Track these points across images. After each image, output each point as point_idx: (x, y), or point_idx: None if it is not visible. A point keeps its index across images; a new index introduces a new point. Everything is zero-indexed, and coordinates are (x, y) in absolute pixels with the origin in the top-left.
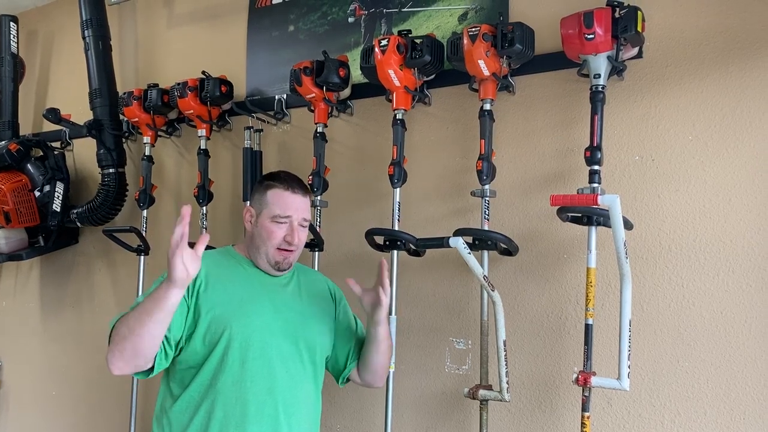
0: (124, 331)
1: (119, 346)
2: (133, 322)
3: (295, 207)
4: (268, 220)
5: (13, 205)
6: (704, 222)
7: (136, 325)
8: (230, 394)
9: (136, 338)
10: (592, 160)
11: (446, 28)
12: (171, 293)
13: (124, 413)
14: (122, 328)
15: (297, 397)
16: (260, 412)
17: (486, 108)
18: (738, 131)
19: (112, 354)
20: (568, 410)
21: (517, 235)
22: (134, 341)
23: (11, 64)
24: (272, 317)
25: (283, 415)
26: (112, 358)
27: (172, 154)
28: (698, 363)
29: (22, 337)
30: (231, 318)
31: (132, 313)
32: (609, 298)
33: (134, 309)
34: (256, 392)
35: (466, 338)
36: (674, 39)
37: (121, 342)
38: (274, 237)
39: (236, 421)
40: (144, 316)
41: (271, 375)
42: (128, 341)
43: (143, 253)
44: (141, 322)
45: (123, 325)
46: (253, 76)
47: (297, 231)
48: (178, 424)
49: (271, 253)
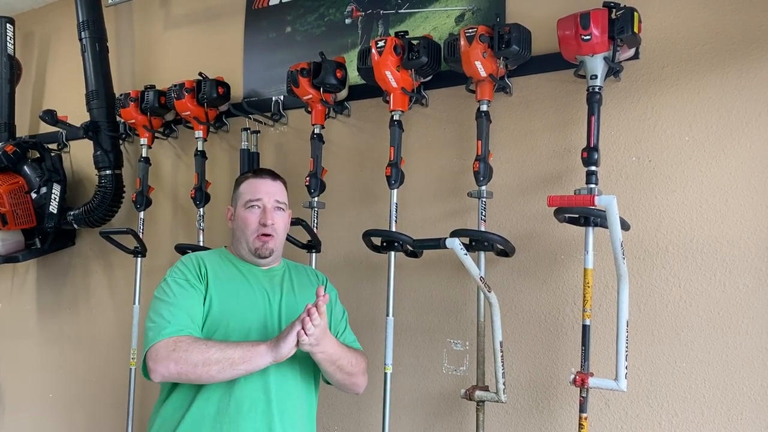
0: (197, 356)
1: (179, 365)
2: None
3: (264, 190)
4: (242, 209)
5: (9, 207)
6: (701, 222)
7: (217, 368)
8: (223, 391)
9: (203, 370)
10: (589, 161)
11: (443, 29)
12: (265, 362)
13: (121, 415)
14: (194, 353)
15: (290, 393)
16: (254, 408)
17: (483, 109)
18: (735, 132)
19: (165, 365)
20: (565, 411)
21: (514, 236)
22: (200, 372)
23: (8, 65)
24: (267, 313)
25: (276, 411)
26: (161, 369)
27: (169, 155)
28: (696, 363)
29: (19, 339)
30: (229, 315)
31: (213, 344)
32: (606, 298)
33: (217, 342)
34: (249, 389)
35: (464, 339)
36: (671, 40)
37: (182, 361)
38: (249, 223)
39: (229, 418)
40: (228, 367)
41: (264, 371)
42: (193, 367)
43: (140, 255)
44: (222, 369)
45: (197, 349)
46: (250, 78)
47: (271, 213)
48: (172, 421)
49: (251, 241)
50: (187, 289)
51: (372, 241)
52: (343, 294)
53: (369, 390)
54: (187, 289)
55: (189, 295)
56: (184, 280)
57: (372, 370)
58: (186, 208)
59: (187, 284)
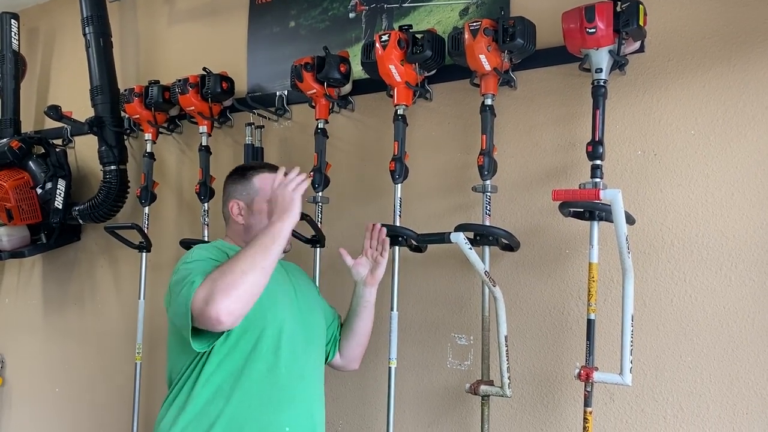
0: (236, 272)
1: (227, 287)
2: (244, 263)
3: None
4: (265, 204)
5: (15, 203)
6: (707, 216)
7: (249, 264)
8: (265, 381)
9: (254, 275)
10: (594, 154)
11: (447, 23)
12: (288, 227)
13: (127, 410)
14: (230, 268)
15: (320, 381)
16: (296, 397)
17: (487, 103)
18: (741, 125)
19: (219, 299)
20: (570, 405)
21: (518, 230)
22: (249, 277)
23: (12, 61)
24: (294, 303)
25: (314, 398)
26: (228, 303)
27: (174, 150)
28: (701, 358)
29: (25, 334)
30: (264, 306)
31: (237, 253)
32: (611, 293)
33: (238, 254)
34: (290, 377)
35: (468, 334)
36: (676, 33)
37: (228, 283)
38: None
39: (273, 408)
40: (259, 256)
41: (300, 360)
42: (241, 277)
43: (145, 250)
44: (254, 262)
45: (228, 266)
46: (254, 73)
47: None
48: (203, 418)
49: None
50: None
51: None
52: (345, 288)
53: (373, 384)
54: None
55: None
56: (208, 258)
57: (376, 365)
58: (190, 203)
59: (210, 260)
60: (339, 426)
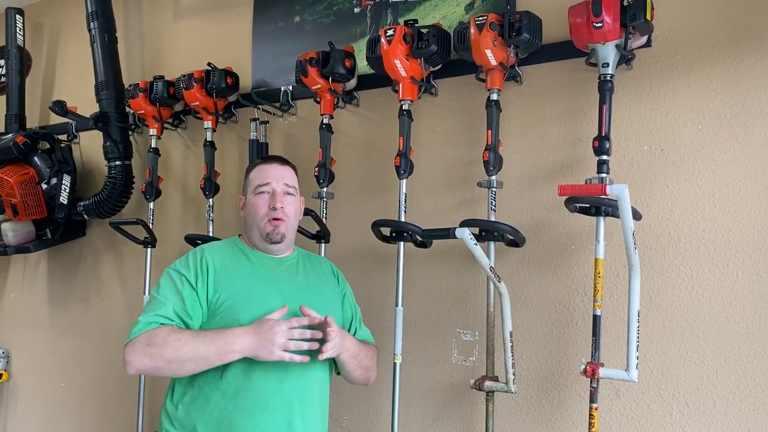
0: (167, 349)
1: (153, 360)
2: (185, 349)
3: (273, 174)
4: (252, 195)
5: (20, 198)
6: (714, 212)
7: (191, 366)
8: (241, 384)
9: (177, 366)
10: (601, 150)
11: (453, 17)
12: (237, 354)
13: (132, 405)
14: (167, 345)
15: (309, 385)
16: (272, 401)
17: (493, 98)
18: (748, 120)
19: (139, 358)
20: (575, 401)
21: (524, 226)
22: (174, 368)
23: (17, 57)
24: (280, 304)
25: (297, 403)
26: (136, 362)
27: (179, 146)
28: (707, 354)
29: (30, 330)
30: (240, 308)
31: (185, 337)
32: (617, 289)
33: (188, 336)
34: (266, 382)
35: (473, 330)
36: (684, 27)
37: (157, 357)
38: (259, 208)
39: (248, 411)
40: (202, 364)
41: (282, 364)
42: (167, 363)
43: (150, 246)
44: (197, 366)
45: (169, 342)
46: (259, 68)
47: (280, 196)
48: (188, 416)
49: (262, 226)
50: (177, 282)
51: (381, 231)
52: (352, 284)
53: (378, 380)
54: (177, 283)
55: (178, 289)
56: (177, 273)
57: (381, 360)
58: (195, 198)
59: (179, 277)
60: (344, 421)
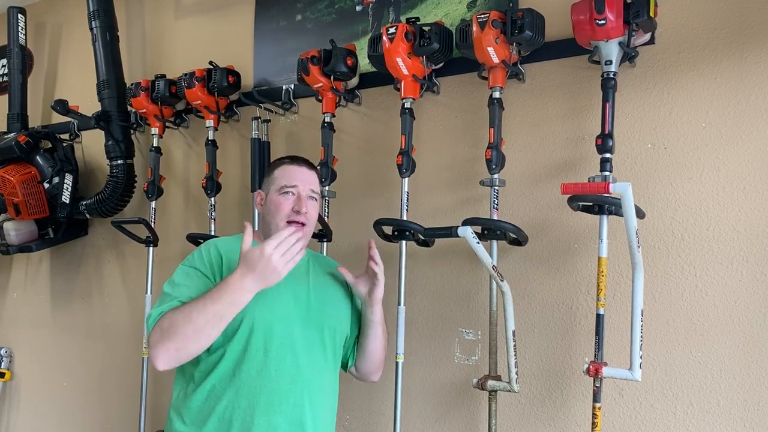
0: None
1: (174, 342)
2: (196, 315)
3: (301, 178)
4: (275, 193)
5: (22, 197)
6: (718, 210)
7: (199, 319)
8: (254, 384)
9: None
10: (604, 148)
11: (455, 15)
12: (248, 293)
13: (135, 404)
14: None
15: (321, 384)
16: (285, 401)
17: (495, 96)
18: (752, 118)
19: (159, 349)
20: (578, 401)
21: (526, 224)
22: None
23: (19, 56)
24: (294, 304)
25: (308, 404)
26: (161, 355)
27: (180, 145)
28: (711, 353)
29: (33, 328)
30: (252, 306)
31: (191, 306)
32: (621, 287)
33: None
34: (280, 381)
35: (476, 329)
36: (687, 24)
37: (173, 337)
38: (282, 208)
39: (261, 411)
40: (218, 321)
41: (295, 363)
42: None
43: (152, 244)
44: (210, 321)
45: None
46: (261, 66)
47: (305, 201)
48: (199, 414)
49: (282, 227)
50: (191, 277)
51: (383, 230)
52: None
53: (381, 379)
54: (191, 277)
55: (190, 283)
56: (192, 268)
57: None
58: (197, 197)
59: (193, 272)
60: (346, 421)
